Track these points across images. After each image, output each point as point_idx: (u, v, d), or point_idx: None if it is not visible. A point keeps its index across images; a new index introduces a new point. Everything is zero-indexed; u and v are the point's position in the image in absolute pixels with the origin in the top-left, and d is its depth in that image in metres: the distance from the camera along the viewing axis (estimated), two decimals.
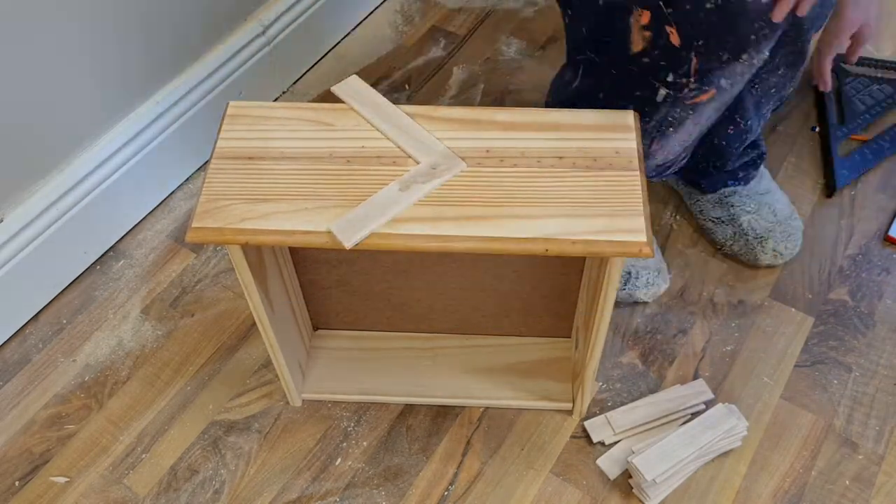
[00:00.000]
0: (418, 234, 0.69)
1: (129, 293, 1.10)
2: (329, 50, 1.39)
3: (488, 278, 0.94)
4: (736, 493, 0.92)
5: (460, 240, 0.69)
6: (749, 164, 1.08)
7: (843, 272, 1.09)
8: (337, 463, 0.95)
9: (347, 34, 1.42)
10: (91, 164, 1.07)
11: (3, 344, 1.06)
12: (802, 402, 0.98)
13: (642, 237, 0.69)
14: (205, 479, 0.95)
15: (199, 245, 1.15)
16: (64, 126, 1.03)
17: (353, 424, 0.98)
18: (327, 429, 0.98)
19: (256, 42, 1.23)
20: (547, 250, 0.69)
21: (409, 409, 0.99)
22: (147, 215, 1.18)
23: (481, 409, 0.99)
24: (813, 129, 1.25)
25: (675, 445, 0.90)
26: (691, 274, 1.10)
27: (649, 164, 0.94)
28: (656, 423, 0.96)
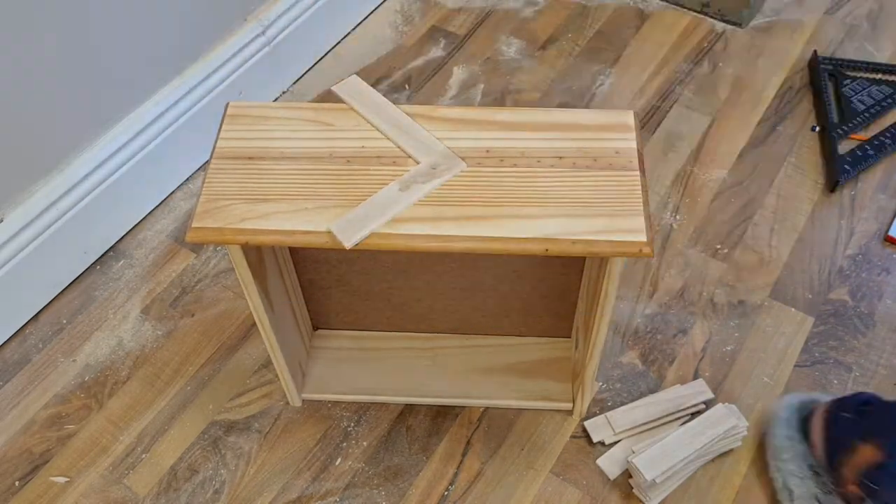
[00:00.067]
0: (418, 234, 0.69)
1: (129, 293, 1.10)
2: (329, 50, 1.39)
3: (488, 278, 0.94)
4: (736, 493, 0.92)
5: (460, 240, 0.69)
6: None
7: (843, 272, 1.09)
8: (337, 463, 0.95)
9: (347, 34, 1.42)
10: (91, 164, 1.07)
11: (3, 344, 1.06)
12: None
13: (642, 237, 0.69)
14: (205, 479, 0.95)
15: (199, 245, 1.15)
16: (64, 126, 1.03)
17: (353, 424, 0.98)
18: (327, 429, 0.98)
19: (256, 42, 1.23)
20: (547, 250, 0.69)
21: (409, 409, 0.99)
22: (147, 215, 1.18)
23: (481, 409, 0.99)
24: (813, 129, 1.25)
25: (675, 445, 0.90)
26: (691, 274, 1.10)
27: None
28: (656, 423, 0.96)
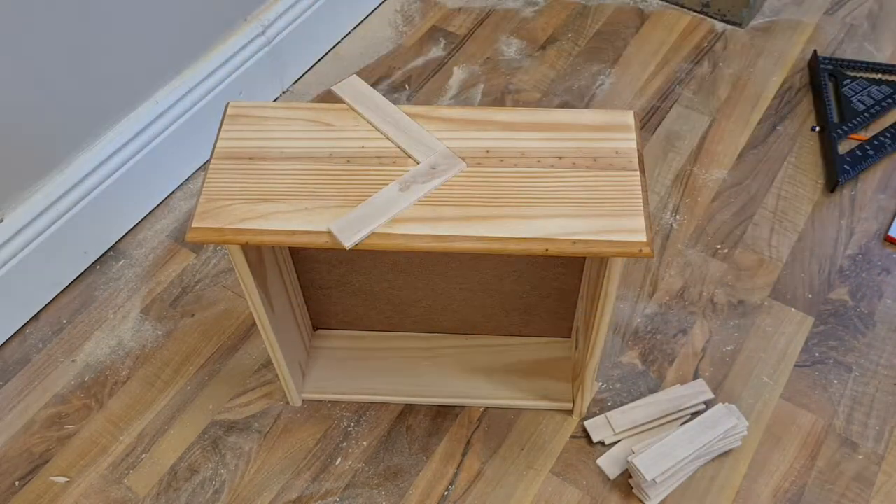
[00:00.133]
0: (418, 234, 0.69)
1: (129, 293, 1.10)
2: (329, 50, 1.39)
3: (488, 278, 0.94)
4: (736, 493, 0.92)
5: (460, 240, 0.69)
6: None
7: (843, 272, 1.09)
8: (337, 463, 0.95)
9: (347, 34, 1.42)
10: (91, 164, 1.07)
11: (3, 344, 1.06)
12: (802, 402, 0.98)
13: (642, 237, 0.69)
14: (205, 479, 0.95)
15: (199, 245, 1.15)
16: (64, 126, 1.03)
17: (353, 424, 0.98)
18: (327, 429, 0.98)
19: (256, 42, 1.23)
20: (547, 250, 0.69)
21: (409, 409, 0.99)
22: (147, 215, 1.18)
23: (481, 409, 0.99)
24: (813, 129, 1.25)
25: (675, 445, 0.90)
26: (691, 274, 1.10)
27: None
28: (656, 423, 0.96)
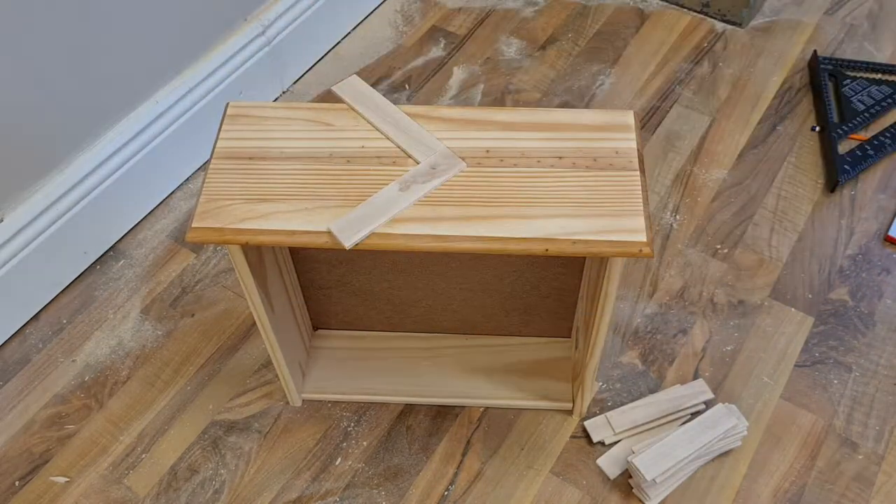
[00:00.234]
0: (418, 234, 0.69)
1: (129, 293, 1.10)
2: (329, 50, 1.39)
3: (488, 278, 0.94)
4: (736, 493, 0.92)
5: (460, 240, 0.69)
6: None
7: (843, 272, 1.09)
8: (337, 463, 0.95)
9: (347, 34, 1.42)
10: (91, 164, 1.07)
11: (3, 344, 1.06)
12: (802, 402, 0.98)
13: (642, 237, 0.69)
14: (205, 479, 0.95)
15: (199, 245, 1.15)
16: (64, 126, 1.03)
17: (353, 424, 0.98)
18: (327, 429, 0.98)
19: (256, 42, 1.23)
20: (547, 250, 0.69)
21: (409, 409, 0.99)
22: (147, 215, 1.18)
23: (481, 409, 0.99)
24: (813, 129, 1.25)
25: (675, 445, 0.90)
26: (691, 274, 1.10)
27: None
28: (656, 423, 0.96)
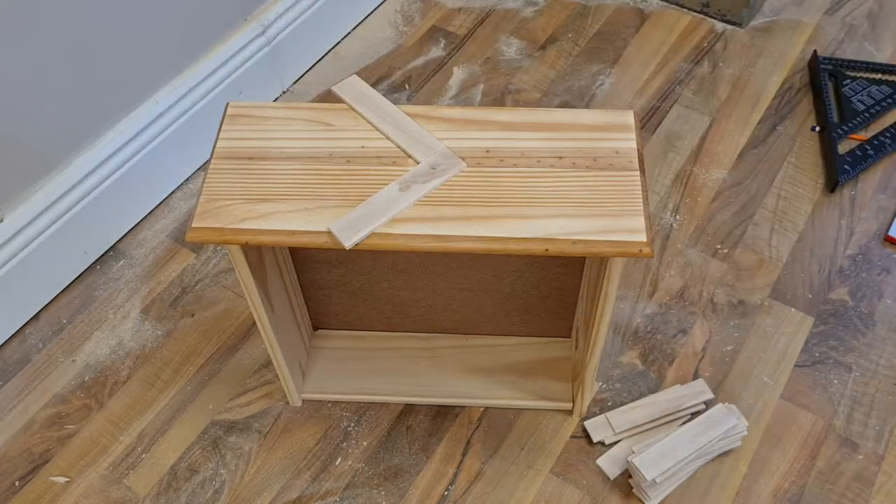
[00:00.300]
0: (418, 234, 0.69)
1: (129, 293, 1.10)
2: (329, 50, 1.39)
3: (488, 278, 0.94)
4: (736, 493, 0.92)
5: (460, 240, 0.69)
6: None
7: (843, 272, 1.09)
8: (337, 463, 0.95)
9: (347, 34, 1.42)
10: (91, 164, 1.07)
11: (3, 344, 1.06)
12: (802, 402, 0.98)
13: (642, 237, 0.69)
14: (205, 479, 0.95)
15: (199, 245, 1.15)
16: (64, 126, 1.03)
17: (353, 424, 0.98)
18: (327, 429, 0.98)
19: (256, 42, 1.23)
20: (547, 250, 0.69)
21: (409, 409, 0.99)
22: (147, 215, 1.18)
23: (481, 409, 0.99)
24: (813, 129, 1.25)
25: (675, 445, 0.90)
26: (691, 274, 1.10)
27: None
28: (656, 423, 0.96)
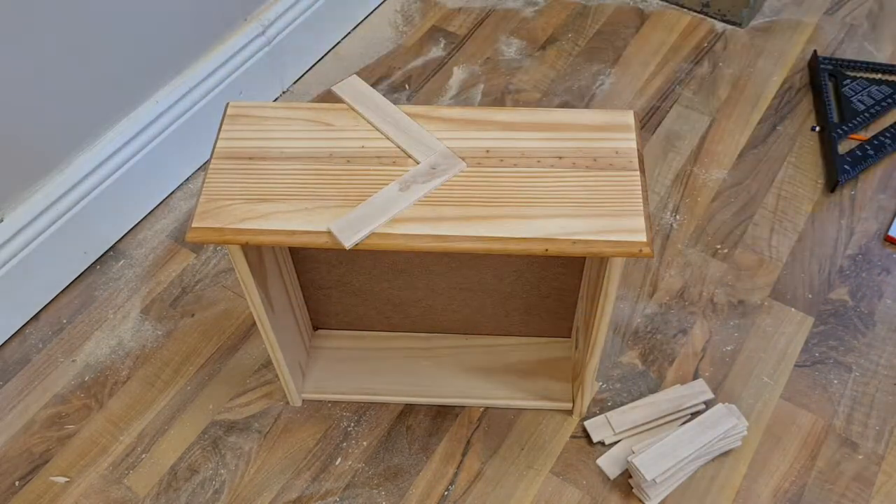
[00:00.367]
0: (418, 234, 0.69)
1: (129, 293, 1.10)
2: (329, 50, 1.39)
3: (488, 278, 0.94)
4: (736, 493, 0.92)
5: (460, 240, 0.69)
6: None
7: (843, 272, 1.09)
8: (337, 463, 0.95)
9: (347, 34, 1.42)
10: (91, 164, 1.07)
11: (3, 344, 1.06)
12: (802, 402, 0.98)
13: (642, 237, 0.69)
14: (205, 479, 0.95)
15: (199, 245, 1.15)
16: (64, 126, 1.03)
17: (353, 424, 0.98)
18: (327, 429, 0.98)
19: (256, 42, 1.23)
20: (547, 250, 0.69)
21: (409, 409, 0.99)
22: (147, 215, 1.18)
23: (481, 409, 0.99)
24: (813, 129, 1.25)
25: (675, 445, 0.90)
26: (691, 274, 1.10)
27: None
28: (656, 423, 0.96)
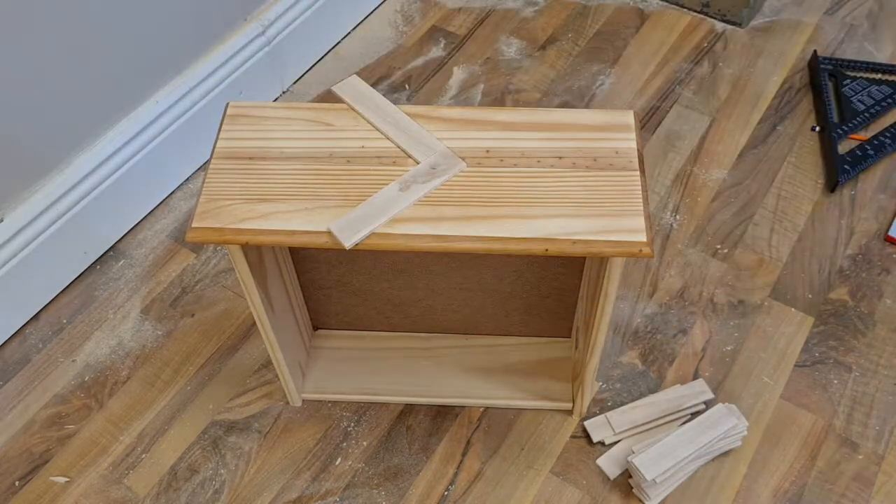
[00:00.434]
0: (418, 234, 0.69)
1: (129, 293, 1.10)
2: (329, 50, 1.39)
3: (488, 278, 0.94)
4: (736, 493, 0.92)
5: (460, 240, 0.69)
6: None
7: (843, 272, 1.09)
8: (337, 463, 0.95)
9: (347, 34, 1.42)
10: (91, 164, 1.07)
11: (3, 344, 1.06)
12: (802, 402, 0.98)
13: (642, 237, 0.69)
14: (205, 479, 0.95)
15: (199, 245, 1.15)
16: (64, 126, 1.03)
17: (353, 424, 0.98)
18: (327, 429, 0.98)
19: (256, 42, 1.23)
20: (547, 250, 0.69)
21: (409, 409, 0.99)
22: (147, 215, 1.18)
23: (481, 409, 0.99)
24: (813, 129, 1.25)
25: (675, 445, 0.90)
26: (691, 274, 1.10)
27: None
28: (656, 423, 0.96)
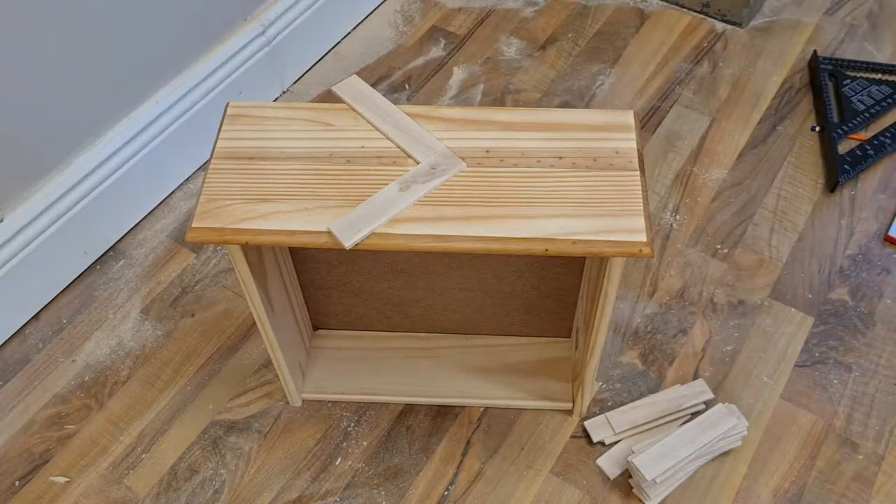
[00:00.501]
0: (418, 234, 0.69)
1: (129, 293, 1.10)
2: (329, 50, 1.39)
3: (488, 278, 0.94)
4: (736, 492, 0.92)
5: (460, 240, 0.69)
6: None
7: (843, 272, 1.09)
8: (337, 463, 0.95)
9: (347, 34, 1.42)
10: (91, 164, 1.07)
11: (3, 344, 1.06)
12: (802, 402, 0.98)
13: (642, 237, 0.69)
14: (205, 479, 0.95)
15: (199, 245, 1.15)
16: (64, 126, 1.03)
17: (353, 424, 0.98)
18: (327, 429, 0.98)
19: (256, 42, 1.23)
20: (547, 250, 0.69)
21: (409, 409, 0.99)
22: (147, 215, 1.18)
23: (481, 409, 0.99)
24: (813, 129, 1.25)
25: (675, 445, 0.90)
26: (691, 274, 1.10)
27: None
28: (656, 423, 0.96)
